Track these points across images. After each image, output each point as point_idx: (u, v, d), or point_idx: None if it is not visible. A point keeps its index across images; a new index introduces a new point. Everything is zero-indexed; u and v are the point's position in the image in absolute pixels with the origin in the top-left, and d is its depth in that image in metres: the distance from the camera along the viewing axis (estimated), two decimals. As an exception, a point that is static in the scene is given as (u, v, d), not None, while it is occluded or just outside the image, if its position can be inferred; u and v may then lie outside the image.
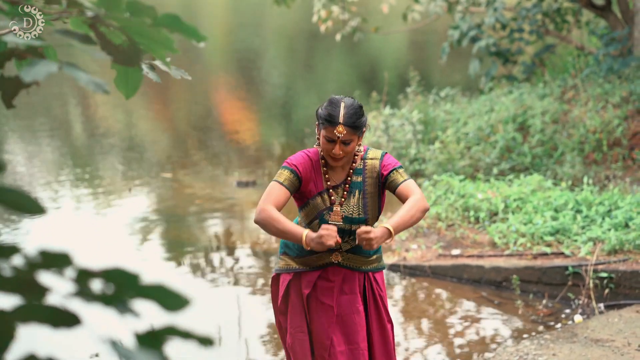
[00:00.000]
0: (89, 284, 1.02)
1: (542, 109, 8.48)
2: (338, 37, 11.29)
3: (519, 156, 8.09)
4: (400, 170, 3.21)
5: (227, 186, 8.84)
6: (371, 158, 3.26)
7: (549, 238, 6.00)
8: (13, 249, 1.00)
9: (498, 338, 5.18)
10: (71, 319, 1.02)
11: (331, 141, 3.11)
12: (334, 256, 3.25)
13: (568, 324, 5.25)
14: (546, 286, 5.72)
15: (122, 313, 1.02)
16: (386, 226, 3.02)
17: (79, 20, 1.59)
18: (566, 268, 5.64)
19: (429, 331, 5.34)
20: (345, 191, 3.22)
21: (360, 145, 3.23)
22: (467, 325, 5.40)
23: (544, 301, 5.62)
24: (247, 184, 8.75)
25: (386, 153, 3.27)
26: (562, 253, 5.83)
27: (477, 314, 5.56)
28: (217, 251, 6.89)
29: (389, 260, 6.36)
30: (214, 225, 7.68)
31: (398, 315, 5.59)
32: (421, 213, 3.11)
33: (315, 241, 2.99)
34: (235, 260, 6.69)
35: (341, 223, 3.18)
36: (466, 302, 5.75)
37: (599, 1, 10.09)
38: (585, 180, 6.95)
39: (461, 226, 6.58)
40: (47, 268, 0.98)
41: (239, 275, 6.32)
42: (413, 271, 6.22)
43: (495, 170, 7.86)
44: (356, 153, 3.25)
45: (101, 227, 7.53)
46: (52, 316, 1.01)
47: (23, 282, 1.00)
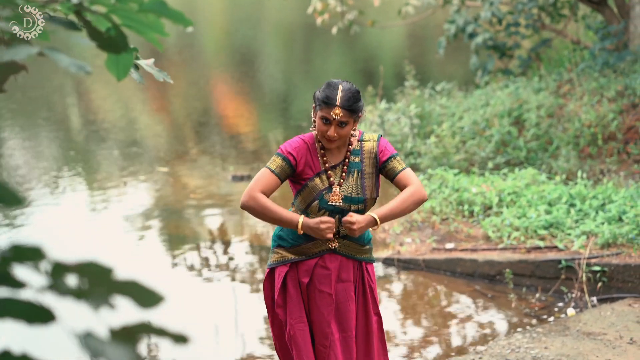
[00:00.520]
0: (64, 278, 1.02)
1: (538, 103, 8.49)
2: (334, 31, 11.27)
3: (514, 150, 8.09)
4: (397, 158, 3.28)
5: (223, 180, 8.85)
6: (368, 140, 3.32)
7: (543, 232, 6.01)
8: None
9: (491, 331, 5.19)
10: (46, 315, 1.02)
11: (327, 123, 3.16)
12: (331, 242, 3.28)
13: (561, 318, 5.26)
14: (539, 280, 5.73)
15: (96, 308, 1.02)
16: (372, 215, 3.15)
17: (65, 6, 1.59)
18: (559, 262, 5.65)
19: (422, 324, 5.36)
20: (343, 172, 3.26)
21: (355, 130, 3.28)
22: (460, 318, 5.41)
23: (537, 295, 5.63)
24: (242, 178, 8.75)
25: (382, 136, 3.34)
26: (556, 247, 5.84)
27: (471, 308, 5.58)
28: (213, 245, 6.90)
29: (383, 254, 6.37)
30: (210, 219, 7.69)
31: (391, 308, 5.60)
32: (416, 204, 3.23)
33: (312, 228, 3.12)
34: (231, 254, 6.69)
35: (341, 203, 3.22)
36: (459, 296, 5.76)
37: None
38: (579, 174, 6.96)
39: (455, 220, 6.60)
40: (20, 262, 0.98)
41: (235, 269, 6.32)
42: (407, 265, 6.24)
43: (490, 164, 7.87)
44: (352, 136, 3.30)
45: (94, 221, 7.54)
46: (27, 311, 1.01)
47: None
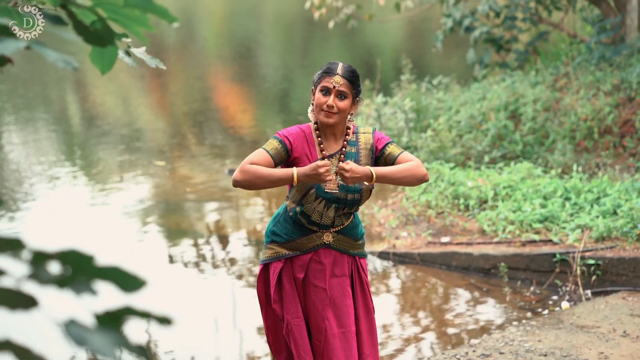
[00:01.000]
0: (45, 266, 1.03)
1: (534, 97, 8.49)
2: (331, 25, 11.26)
3: (511, 144, 8.10)
4: (393, 144, 3.30)
5: (220, 173, 8.85)
6: (363, 132, 3.34)
7: (538, 225, 6.02)
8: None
9: (486, 324, 5.21)
10: (27, 301, 1.03)
11: (327, 94, 3.18)
12: (325, 236, 3.28)
13: (555, 311, 5.28)
14: (534, 273, 5.75)
15: (79, 294, 1.03)
16: (370, 168, 3.13)
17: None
18: (554, 255, 5.67)
19: (417, 318, 5.37)
20: (340, 161, 3.27)
21: (351, 121, 3.29)
22: (455, 312, 5.43)
23: (532, 288, 5.65)
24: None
25: (376, 129, 3.35)
26: (550, 240, 5.86)
27: (466, 301, 5.59)
28: (210, 239, 6.91)
29: (379, 247, 6.38)
30: (207, 212, 7.70)
31: (387, 302, 5.61)
32: (415, 178, 3.19)
33: (309, 174, 3.07)
34: (229, 248, 6.70)
35: (337, 191, 3.22)
36: (455, 289, 5.78)
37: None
38: (574, 167, 6.97)
39: (451, 214, 6.61)
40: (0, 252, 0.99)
41: (234, 264, 6.33)
42: (402, 258, 6.25)
43: (486, 158, 7.87)
44: (348, 126, 3.30)
45: (92, 215, 7.54)
46: (8, 298, 1.02)
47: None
